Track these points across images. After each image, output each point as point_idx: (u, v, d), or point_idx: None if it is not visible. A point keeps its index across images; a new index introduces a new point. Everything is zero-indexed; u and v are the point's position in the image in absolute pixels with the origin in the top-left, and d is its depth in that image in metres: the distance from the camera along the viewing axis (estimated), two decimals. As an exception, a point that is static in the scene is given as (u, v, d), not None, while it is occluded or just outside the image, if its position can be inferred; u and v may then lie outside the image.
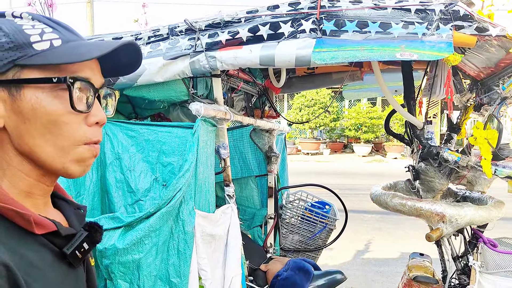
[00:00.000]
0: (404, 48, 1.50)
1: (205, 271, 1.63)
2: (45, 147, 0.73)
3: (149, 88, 1.79)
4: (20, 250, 0.69)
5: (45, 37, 0.73)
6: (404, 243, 5.54)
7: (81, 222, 0.86)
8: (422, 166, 2.00)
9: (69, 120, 0.74)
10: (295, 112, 15.86)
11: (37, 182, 0.77)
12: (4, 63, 0.70)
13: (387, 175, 10.23)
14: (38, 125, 0.72)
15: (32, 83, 0.71)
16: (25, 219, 0.71)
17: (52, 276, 0.73)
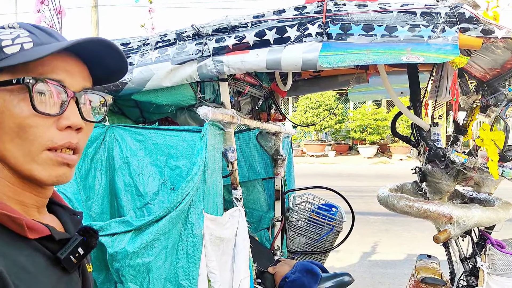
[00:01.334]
0: (410, 51, 1.51)
1: (214, 273, 1.64)
2: (14, 151, 0.72)
3: (157, 92, 1.81)
4: (12, 255, 0.68)
5: (17, 41, 0.73)
6: (411, 245, 5.53)
7: (77, 227, 0.85)
8: (429, 168, 2.01)
9: (34, 123, 0.71)
10: (300, 114, 15.87)
11: (22, 191, 0.76)
12: None
13: (393, 177, 10.20)
14: (6, 128, 0.71)
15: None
16: (17, 224, 0.70)
17: (45, 281, 0.72)
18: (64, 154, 0.75)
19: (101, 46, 0.77)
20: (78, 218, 0.88)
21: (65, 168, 0.76)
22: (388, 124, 15.48)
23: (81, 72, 0.78)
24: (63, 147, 0.74)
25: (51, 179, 0.75)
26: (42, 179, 0.74)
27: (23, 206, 0.76)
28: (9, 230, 0.70)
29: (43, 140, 0.72)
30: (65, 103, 0.74)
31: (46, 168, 0.74)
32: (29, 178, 0.74)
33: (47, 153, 0.73)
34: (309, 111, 15.61)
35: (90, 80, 0.81)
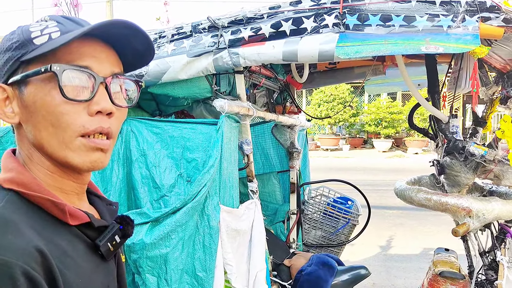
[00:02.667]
0: (429, 41, 1.49)
1: (231, 265, 1.64)
2: (49, 139, 0.74)
3: (173, 85, 1.81)
4: (54, 239, 0.70)
5: (45, 31, 0.74)
6: (426, 239, 5.48)
7: (113, 217, 0.87)
8: (448, 161, 1.98)
9: (65, 110, 0.72)
10: (314, 108, 15.79)
11: (61, 179, 0.78)
12: (13, 62, 0.74)
13: (408, 171, 10.12)
14: (40, 118, 0.73)
15: (26, 78, 0.73)
16: (60, 209, 0.73)
17: (84, 266, 0.74)
18: (97, 139, 0.75)
19: (125, 29, 0.77)
20: (114, 208, 0.90)
21: (99, 153, 0.76)
22: (403, 118, 15.33)
23: (109, 57, 0.78)
24: (95, 132, 0.75)
25: (86, 165, 0.76)
26: (77, 165, 0.75)
27: (64, 193, 0.78)
28: (51, 215, 0.73)
29: (75, 126, 0.73)
30: (94, 89, 0.74)
31: (80, 154, 0.75)
32: (65, 164, 0.76)
33: (80, 139, 0.74)
34: (323, 105, 15.52)
35: (119, 65, 0.81)
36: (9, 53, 0.75)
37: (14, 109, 0.75)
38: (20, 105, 0.75)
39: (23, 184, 0.73)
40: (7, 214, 0.67)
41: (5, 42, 0.76)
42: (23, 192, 0.72)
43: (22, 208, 0.71)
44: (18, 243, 0.63)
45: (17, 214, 0.69)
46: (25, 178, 0.73)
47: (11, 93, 0.75)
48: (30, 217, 0.70)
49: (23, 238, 0.65)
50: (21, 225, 0.67)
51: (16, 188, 0.72)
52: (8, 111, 0.75)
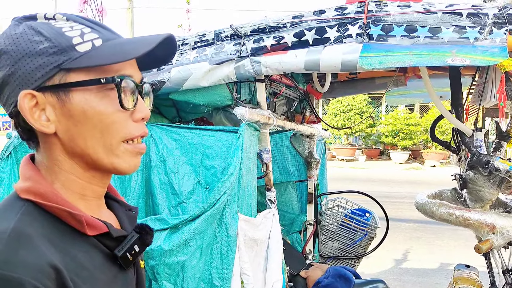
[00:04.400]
0: (456, 53, 1.46)
1: (247, 275, 1.63)
2: (96, 147, 0.74)
3: (194, 92, 1.82)
4: (71, 251, 0.69)
5: (85, 37, 0.72)
6: (443, 253, 5.37)
7: (132, 223, 0.86)
8: (471, 175, 1.94)
9: (117, 118, 0.74)
10: (330, 118, 15.71)
11: (89, 184, 0.78)
12: (50, 68, 0.70)
13: (425, 183, 9.98)
14: (89, 126, 0.72)
15: (81, 86, 0.71)
16: (77, 220, 0.72)
17: (101, 277, 0.73)
18: (139, 144, 0.79)
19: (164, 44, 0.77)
20: (133, 213, 0.89)
21: (140, 157, 0.80)
22: (421, 130, 15.14)
23: (135, 64, 0.80)
24: (139, 137, 0.78)
25: (130, 169, 0.79)
26: (124, 170, 0.78)
27: (85, 200, 0.78)
28: (69, 226, 0.72)
29: (123, 133, 0.75)
30: (136, 97, 0.76)
31: (126, 159, 0.77)
32: (110, 170, 0.78)
33: (125, 145, 0.76)
34: (340, 115, 15.43)
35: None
36: (44, 58, 0.70)
37: (50, 117, 0.72)
38: (59, 113, 0.72)
39: (40, 194, 0.71)
40: (22, 228, 0.66)
41: (29, 45, 0.70)
42: (40, 202, 0.71)
43: (38, 219, 0.70)
44: (30, 259, 0.62)
45: (33, 227, 0.67)
46: (42, 188, 0.72)
47: (42, 100, 0.71)
48: (47, 229, 0.69)
49: (36, 253, 0.64)
50: (35, 238, 0.66)
51: (33, 198, 0.71)
52: (42, 120, 0.72)
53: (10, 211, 0.70)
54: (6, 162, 1.78)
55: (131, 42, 0.75)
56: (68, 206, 0.71)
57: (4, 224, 0.66)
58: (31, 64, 0.70)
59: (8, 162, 1.78)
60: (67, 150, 0.74)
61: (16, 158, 1.79)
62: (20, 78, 0.70)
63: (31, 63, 0.70)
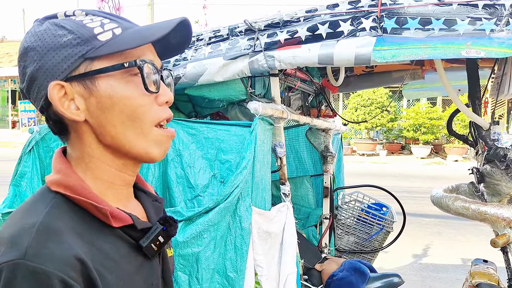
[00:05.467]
0: (470, 45, 1.44)
1: (261, 267, 1.65)
2: (126, 133, 0.76)
3: (209, 87, 1.84)
4: (97, 243, 0.72)
5: (106, 27, 0.75)
6: (465, 249, 5.30)
7: (158, 213, 0.89)
8: (488, 169, 1.91)
9: (143, 102, 0.76)
10: (350, 112, 15.57)
11: (118, 172, 0.80)
12: (76, 59, 0.73)
13: (447, 178, 9.82)
14: (117, 112, 0.75)
15: (105, 72, 0.74)
16: (102, 213, 0.74)
17: (127, 267, 0.76)
18: (167, 130, 0.81)
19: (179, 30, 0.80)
20: (159, 204, 0.91)
21: (169, 141, 0.82)
22: (443, 124, 14.87)
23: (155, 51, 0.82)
24: (166, 120, 0.80)
25: (161, 154, 0.80)
26: (156, 155, 0.80)
27: (114, 189, 0.81)
28: (95, 218, 0.75)
29: (151, 117, 0.77)
30: (159, 81, 0.78)
31: (158, 144, 0.79)
32: (142, 156, 0.79)
33: (156, 130, 0.78)
34: (360, 109, 15.28)
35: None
36: (68, 50, 0.73)
37: (80, 106, 0.75)
38: (88, 102, 0.75)
39: (69, 187, 0.74)
40: (51, 221, 0.69)
41: (54, 39, 0.74)
42: (68, 195, 0.74)
43: (67, 212, 0.73)
44: (58, 252, 0.65)
45: (61, 220, 0.70)
46: (71, 181, 0.75)
47: (70, 90, 0.74)
48: (75, 221, 0.72)
49: (64, 246, 0.66)
50: (64, 231, 0.69)
51: (63, 191, 0.74)
52: (72, 109, 0.74)
53: (41, 203, 0.73)
54: (28, 156, 1.84)
55: (149, 28, 0.78)
56: (94, 199, 0.74)
57: (34, 217, 0.69)
58: (56, 57, 0.73)
59: (31, 157, 1.84)
60: (98, 137, 0.77)
61: (38, 152, 1.85)
62: (47, 71, 0.73)
63: (56, 55, 0.73)
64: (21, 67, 0.77)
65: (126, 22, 0.79)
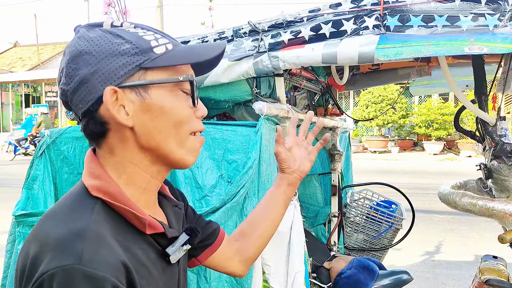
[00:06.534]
0: (473, 41, 1.44)
1: (269, 266, 1.67)
2: (169, 140, 0.81)
3: (215, 89, 1.87)
4: (132, 249, 0.75)
5: (160, 41, 0.81)
6: (478, 245, 5.25)
7: (178, 220, 0.93)
8: (495, 164, 1.90)
9: (188, 113, 0.83)
10: (361, 109, 15.50)
11: (151, 179, 0.85)
12: (132, 67, 0.77)
13: (460, 174, 9.71)
14: (165, 121, 0.80)
15: (161, 83, 0.80)
16: (141, 222, 0.78)
17: (155, 273, 0.79)
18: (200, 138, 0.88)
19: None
20: (179, 210, 0.96)
21: (199, 149, 0.89)
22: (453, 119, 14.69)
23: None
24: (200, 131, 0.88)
25: (193, 161, 0.87)
26: (190, 162, 0.86)
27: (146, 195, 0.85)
28: (129, 224, 0.78)
29: (191, 127, 0.84)
30: (197, 97, 0.86)
31: (191, 151, 0.86)
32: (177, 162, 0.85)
33: (191, 137, 0.85)
34: (371, 106, 15.20)
35: None
36: (126, 58, 0.77)
37: (129, 112, 0.78)
38: (138, 109, 0.79)
39: (109, 194, 0.77)
40: (99, 228, 0.72)
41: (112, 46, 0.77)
42: (108, 201, 0.77)
43: (108, 219, 0.76)
44: (109, 258, 0.68)
45: (104, 227, 0.73)
46: (111, 188, 0.78)
47: (122, 96, 0.77)
48: (113, 228, 0.75)
49: (113, 252, 0.70)
50: (108, 238, 0.72)
51: (104, 197, 0.77)
52: (122, 114, 0.78)
53: (84, 208, 0.76)
54: (40, 160, 1.88)
55: (200, 47, 0.86)
56: (133, 208, 0.78)
57: (80, 222, 0.72)
58: (114, 63, 0.77)
59: (42, 160, 1.88)
60: (141, 143, 0.81)
61: (49, 156, 1.89)
62: (103, 75, 0.77)
63: (114, 62, 0.77)
64: (70, 68, 0.78)
65: (172, 39, 0.85)
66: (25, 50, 29.57)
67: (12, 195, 4.32)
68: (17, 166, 12.93)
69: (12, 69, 26.38)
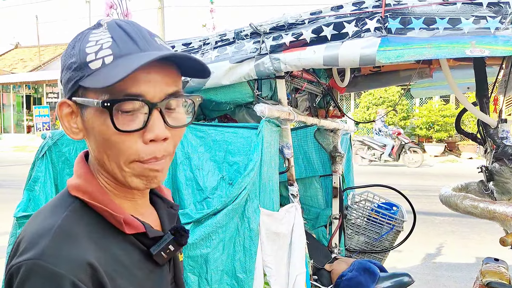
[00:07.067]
0: (475, 44, 1.45)
1: (270, 268, 1.67)
2: (108, 161, 0.77)
3: (216, 90, 1.87)
4: (111, 248, 0.75)
5: (99, 54, 0.73)
6: (479, 248, 5.24)
7: (172, 221, 0.91)
8: (496, 167, 1.91)
9: (120, 139, 0.73)
10: (362, 111, 15.49)
11: (125, 188, 0.81)
12: (73, 83, 0.75)
13: (461, 176, 9.67)
14: (98, 141, 0.76)
15: (83, 107, 0.75)
16: (117, 220, 0.77)
17: (138, 273, 0.78)
18: (148, 165, 0.76)
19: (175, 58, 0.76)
20: (173, 211, 0.94)
21: (154, 173, 0.77)
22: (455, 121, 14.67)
23: (165, 78, 0.75)
24: (149, 161, 0.75)
25: (143, 185, 0.78)
26: (135, 187, 0.78)
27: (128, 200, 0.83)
28: (111, 224, 0.78)
29: (130, 154, 0.74)
30: (148, 116, 0.73)
31: (137, 177, 0.77)
32: (124, 184, 0.79)
33: (138, 164, 0.75)
34: (372, 108, 15.19)
35: (176, 82, 0.77)
36: (70, 73, 0.75)
37: (79, 126, 0.78)
38: (84, 124, 0.77)
39: (88, 193, 0.78)
40: (68, 225, 0.72)
41: (67, 59, 0.76)
42: (86, 200, 0.77)
43: (84, 217, 0.76)
44: (72, 256, 0.68)
45: (77, 225, 0.74)
46: (90, 187, 0.78)
47: (75, 109, 0.77)
48: (90, 226, 0.75)
49: (78, 251, 0.70)
50: (79, 236, 0.72)
51: (81, 196, 0.78)
52: (73, 127, 0.78)
53: (60, 206, 0.77)
54: (41, 161, 1.88)
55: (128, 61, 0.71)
56: (110, 207, 0.77)
57: (52, 219, 0.73)
58: (66, 77, 0.77)
59: (43, 162, 1.88)
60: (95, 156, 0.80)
61: (50, 157, 1.89)
62: (63, 86, 0.78)
63: (66, 75, 0.77)
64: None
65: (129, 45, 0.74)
66: (27, 52, 29.62)
67: (14, 196, 4.33)
68: (18, 167, 12.93)
69: (13, 70, 26.43)
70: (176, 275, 0.91)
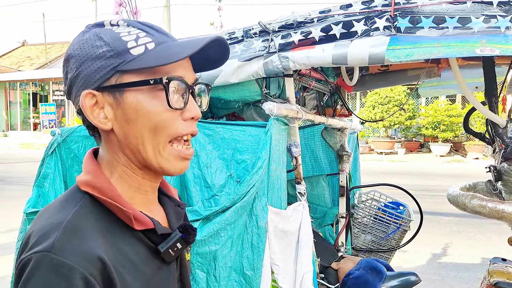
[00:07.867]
0: (485, 43, 1.44)
1: (278, 265, 1.67)
2: (146, 146, 0.79)
3: (224, 89, 1.87)
4: (118, 243, 0.76)
5: (140, 41, 0.78)
6: (486, 248, 5.23)
7: (179, 219, 0.92)
8: (505, 167, 1.90)
9: (166, 117, 0.78)
10: (368, 110, 15.45)
11: (143, 180, 0.84)
12: (108, 70, 0.77)
13: (467, 176, 9.66)
14: (140, 125, 0.78)
15: (132, 87, 0.77)
16: (126, 215, 0.78)
17: (145, 270, 0.79)
18: (185, 150, 0.83)
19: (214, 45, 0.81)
20: (181, 210, 0.95)
21: (186, 162, 0.84)
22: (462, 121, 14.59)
23: (191, 66, 0.84)
24: (187, 135, 0.82)
25: (176, 171, 0.83)
26: (171, 172, 0.83)
27: (141, 193, 0.85)
28: (120, 220, 0.79)
29: (171, 131, 0.80)
30: (187, 97, 0.80)
31: (171, 162, 0.81)
32: (156, 170, 0.82)
33: (169, 149, 0.81)
34: (378, 107, 15.14)
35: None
36: (102, 61, 0.77)
37: (108, 115, 0.79)
38: (116, 112, 0.78)
39: (97, 188, 0.78)
40: (78, 220, 0.73)
41: (91, 49, 0.78)
42: (96, 196, 0.78)
43: (94, 212, 0.77)
44: (82, 249, 0.69)
45: (87, 219, 0.75)
46: (99, 182, 0.79)
47: (101, 99, 0.78)
48: (99, 222, 0.76)
49: (88, 245, 0.70)
50: (88, 231, 0.73)
51: (91, 191, 0.78)
52: (101, 117, 0.79)
53: (70, 202, 0.78)
54: (51, 158, 1.90)
55: (178, 45, 0.79)
56: (120, 202, 0.78)
57: (63, 214, 0.74)
58: (92, 67, 0.77)
59: (53, 158, 1.90)
60: (122, 146, 0.81)
61: (59, 154, 1.91)
62: (83, 79, 0.78)
63: (91, 65, 0.77)
64: (64, 71, 0.82)
65: (162, 35, 0.81)
66: (33, 49, 29.79)
67: (23, 193, 4.36)
68: (28, 164, 13.02)
69: (20, 68, 26.59)
70: (182, 274, 0.92)
